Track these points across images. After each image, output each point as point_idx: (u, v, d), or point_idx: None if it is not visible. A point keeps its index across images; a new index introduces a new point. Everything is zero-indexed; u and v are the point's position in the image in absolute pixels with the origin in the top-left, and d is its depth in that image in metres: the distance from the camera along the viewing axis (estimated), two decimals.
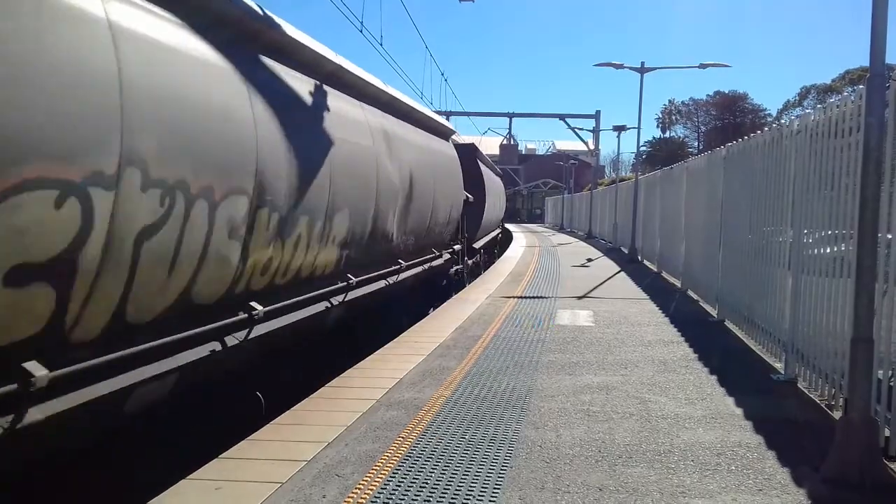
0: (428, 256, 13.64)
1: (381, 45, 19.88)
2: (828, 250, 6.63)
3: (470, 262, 19.35)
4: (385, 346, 8.79)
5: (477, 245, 21.74)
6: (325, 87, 8.12)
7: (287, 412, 6.09)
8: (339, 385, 7.05)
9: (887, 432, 5.05)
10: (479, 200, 19.98)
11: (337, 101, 8.46)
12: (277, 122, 6.49)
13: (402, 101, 12.11)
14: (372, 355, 8.30)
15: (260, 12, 6.67)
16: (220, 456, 4.96)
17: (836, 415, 5.79)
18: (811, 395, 6.74)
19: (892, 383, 5.09)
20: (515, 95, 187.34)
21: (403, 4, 19.69)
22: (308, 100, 7.54)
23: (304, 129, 7.24)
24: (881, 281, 5.23)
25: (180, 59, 5.17)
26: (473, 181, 19.61)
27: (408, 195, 11.21)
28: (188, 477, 4.57)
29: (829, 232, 6.60)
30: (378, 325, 10.54)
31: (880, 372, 5.21)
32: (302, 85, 7.48)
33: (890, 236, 5.28)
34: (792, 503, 4.29)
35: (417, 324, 10.47)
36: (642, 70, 25.74)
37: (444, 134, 16.40)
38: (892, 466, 4.81)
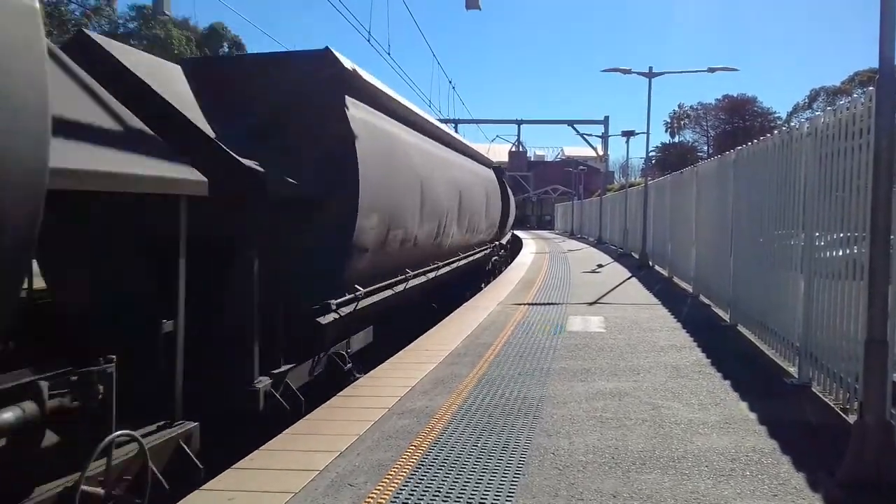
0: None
1: (388, 53, 20.03)
2: (840, 253, 6.60)
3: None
4: (397, 354, 8.79)
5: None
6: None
7: (300, 421, 6.11)
8: (350, 394, 7.06)
9: None
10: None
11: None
12: None
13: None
14: (383, 364, 8.31)
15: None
16: (234, 466, 4.97)
17: (851, 418, 5.75)
18: (826, 399, 6.69)
19: None
20: (523, 102, 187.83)
21: (410, 13, 19.83)
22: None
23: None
24: (895, 282, 5.20)
25: None
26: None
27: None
28: (201, 488, 4.58)
29: (841, 234, 6.56)
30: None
31: (895, 374, 5.17)
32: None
33: None
34: None
35: (429, 331, 10.47)
36: (650, 75, 25.71)
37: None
38: None
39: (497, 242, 25.06)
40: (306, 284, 7.27)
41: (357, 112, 8.38)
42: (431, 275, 13.12)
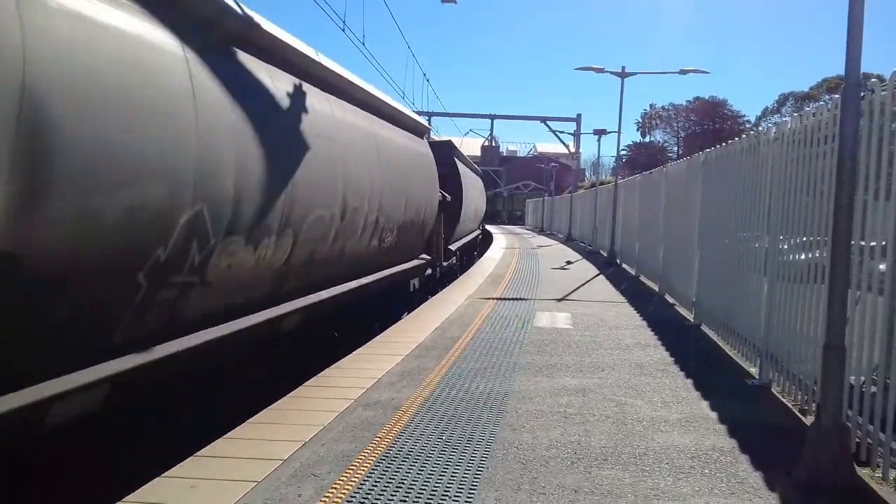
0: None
1: (363, 44, 19.85)
2: (802, 257, 6.72)
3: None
4: (363, 347, 8.78)
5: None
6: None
7: (264, 411, 6.07)
8: (316, 384, 7.04)
9: (858, 438, 5.14)
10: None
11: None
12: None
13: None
14: (350, 355, 8.29)
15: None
16: (196, 454, 4.94)
17: (809, 420, 5.87)
18: (785, 401, 6.82)
19: (863, 389, 5.18)
20: (497, 98, 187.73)
21: (386, 4, 19.68)
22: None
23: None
24: (854, 288, 5.32)
25: None
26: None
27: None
28: (163, 475, 4.54)
29: (805, 238, 6.69)
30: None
31: (853, 378, 5.30)
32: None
33: (863, 244, 5.37)
34: None
35: (396, 324, 10.46)
36: (623, 75, 25.89)
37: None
38: (863, 472, 4.89)
39: (428, 256, 16.06)
40: None
41: None
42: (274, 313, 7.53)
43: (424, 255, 15.64)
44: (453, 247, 21.02)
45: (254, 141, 6.44)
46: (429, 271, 16.42)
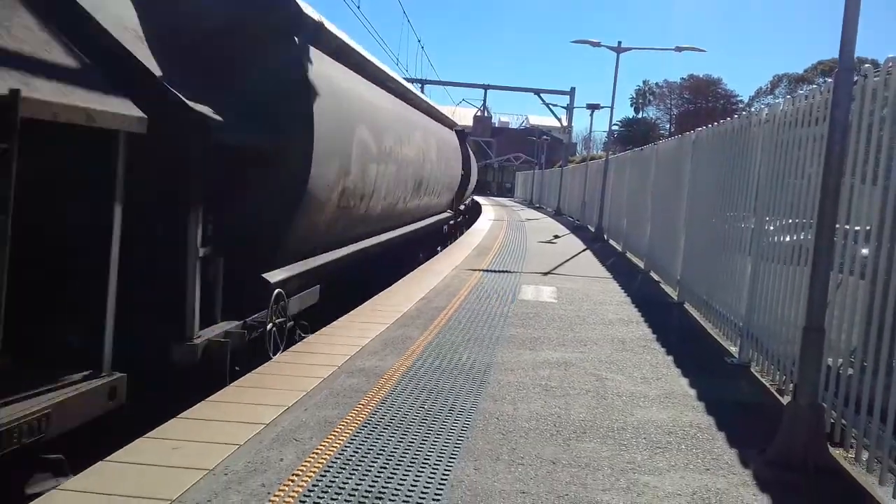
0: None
1: (358, 7, 19.66)
2: (787, 239, 6.77)
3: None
4: (349, 314, 8.81)
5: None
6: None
7: (248, 374, 6.11)
8: (301, 350, 7.07)
9: (833, 419, 5.23)
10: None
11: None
12: None
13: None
14: (335, 322, 8.32)
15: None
16: (179, 416, 4.97)
17: (786, 400, 5.96)
18: (763, 380, 6.92)
19: (840, 371, 5.25)
20: (491, 68, 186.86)
21: None
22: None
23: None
24: (836, 271, 5.38)
25: None
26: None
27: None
28: (145, 436, 4.57)
29: (791, 221, 6.73)
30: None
31: (831, 359, 5.37)
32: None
33: (847, 227, 5.42)
34: (737, 483, 4.43)
35: (382, 292, 10.50)
36: (619, 49, 25.81)
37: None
38: (837, 452, 4.98)
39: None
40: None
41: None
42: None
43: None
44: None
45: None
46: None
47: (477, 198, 45.04)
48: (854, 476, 4.65)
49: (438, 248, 19.90)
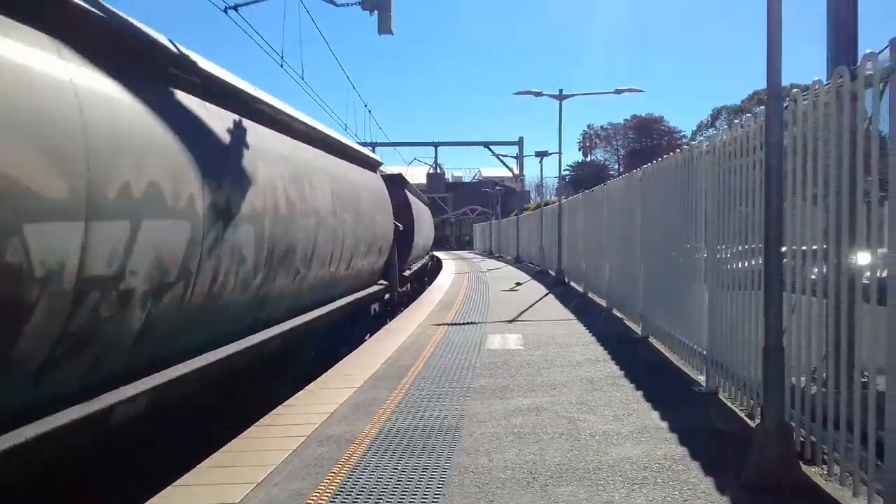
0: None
1: (302, 79, 19.89)
2: (739, 265, 6.90)
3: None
4: (315, 381, 8.68)
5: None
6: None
7: (215, 454, 5.96)
8: (269, 423, 6.94)
9: (803, 437, 5.27)
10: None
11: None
12: None
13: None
14: (302, 391, 8.19)
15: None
16: (145, 503, 4.81)
17: (756, 423, 5.99)
18: (732, 406, 6.96)
19: (804, 389, 5.32)
20: (440, 125, 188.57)
21: (324, 37, 19.79)
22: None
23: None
24: (789, 291, 5.49)
25: None
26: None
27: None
28: None
29: (741, 247, 6.87)
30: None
31: (794, 378, 5.44)
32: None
33: (794, 247, 5.56)
34: None
35: (348, 356, 10.39)
36: (561, 97, 26.38)
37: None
38: (810, 470, 5.01)
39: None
40: None
41: None
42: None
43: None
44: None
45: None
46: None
47: (437, 253, 45.16)
48: (829, 491, 4.68)
49: (367, 336, 13.68)
